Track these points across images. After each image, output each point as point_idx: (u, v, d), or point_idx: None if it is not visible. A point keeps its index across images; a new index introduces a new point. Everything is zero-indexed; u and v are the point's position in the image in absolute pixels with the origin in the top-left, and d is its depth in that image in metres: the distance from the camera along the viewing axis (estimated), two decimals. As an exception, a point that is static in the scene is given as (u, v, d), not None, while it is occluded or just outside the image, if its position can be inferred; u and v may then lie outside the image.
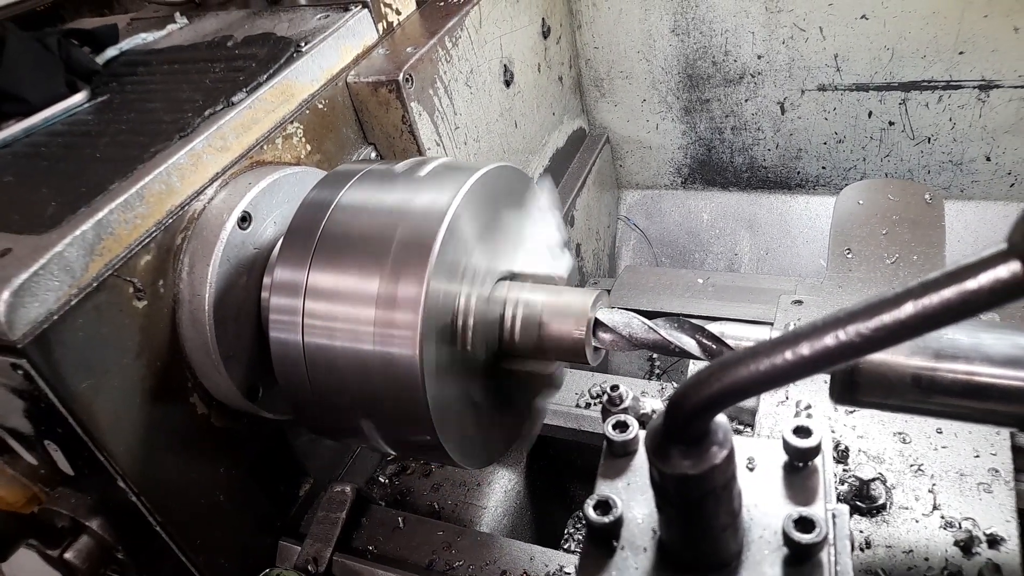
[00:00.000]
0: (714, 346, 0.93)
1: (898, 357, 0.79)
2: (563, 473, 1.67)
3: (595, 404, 1.51)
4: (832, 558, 0.70)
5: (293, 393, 1.03)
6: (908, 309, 0.50)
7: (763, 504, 0.71)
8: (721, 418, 0.60)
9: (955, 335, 0.79)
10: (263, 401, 1.20)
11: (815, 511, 0.65)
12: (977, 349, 0.77)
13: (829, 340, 0.51)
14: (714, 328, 0.94)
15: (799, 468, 0.73)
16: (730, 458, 0.59)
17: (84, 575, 1.15)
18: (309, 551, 1.29)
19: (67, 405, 0.97)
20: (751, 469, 0.74)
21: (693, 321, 0.95)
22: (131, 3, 2.17)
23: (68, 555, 1.14)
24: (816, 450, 0.72)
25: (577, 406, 1.51)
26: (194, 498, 1.18)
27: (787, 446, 0.72)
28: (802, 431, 0.72)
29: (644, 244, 2.48)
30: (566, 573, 1.22)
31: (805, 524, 0.64)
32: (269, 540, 1.35)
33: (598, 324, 0.99)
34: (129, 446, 1.06)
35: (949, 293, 0.49)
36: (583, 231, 2.23)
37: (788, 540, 0.65)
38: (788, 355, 0.53)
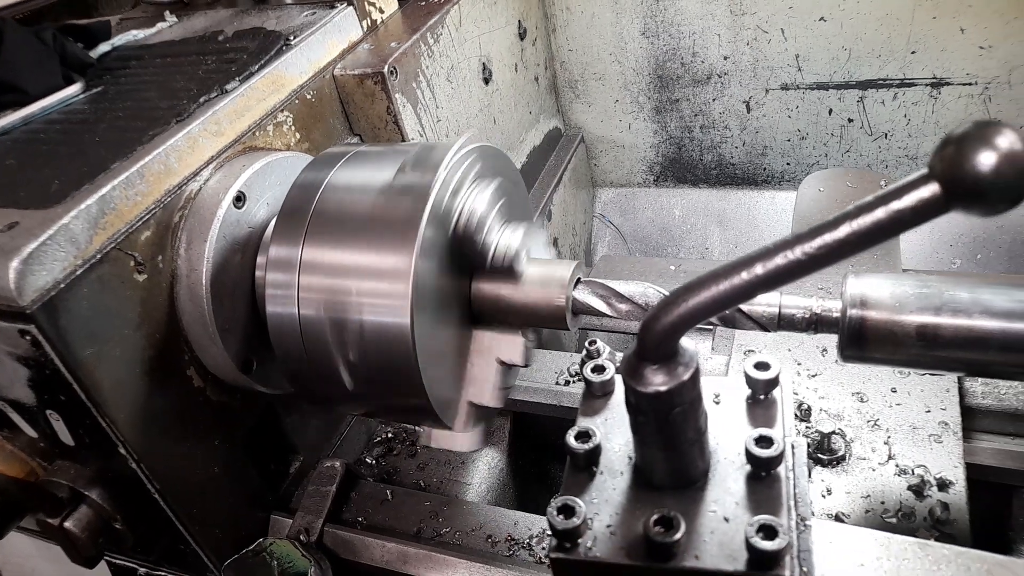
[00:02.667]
0: (727, 311, 0.90)
1: (903, 313, 0.82)
2: (544, 451, 1.73)
3: (574, 381, 1.57)
4: (792, 482, 0.78)
5: (289, 364, 1.09)
6: (845, 229, 0.57)
7: (728, 431, 0.78)
8: (687, 341, 0.67)
9: (956, 291, 0.82)
10: (257, 375, 1.25)
11: (774, 432, 0.73)
12: (977, 303, 0.81)
13: (779, 259, 0.59)
14: None
15: (760, 400, 0.80)
16: (696, 376, 0.66)
17: (83, 543, 1.18)
18: (300, 522, 1.34)
19: (72, 371, 1.02)
20: (717, 403, 0.82)
21: None
22: (110, 10, 2.22)
23: (68, 524, 1.17)
24: (775, 382, 0.79)
25: (557, 384, 1.58)
26: (190, 468, 1.22)
27: (749, 379, 0.80)
28: (762, 365, 0.80)
29: (619, 240, 2.57)
30: (548, 536, 1.28)
31: (764, 441, 0.72)
32: (261, 514, 1.39)
33: (618, 295, 1.03)
34: (129, 415, 1.10)
35: (880, 213, 0.57)
36: (560, 227, 2.31)
37: (750, 456, 0.72)
38: (744, 275, 0.60)
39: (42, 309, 0.97)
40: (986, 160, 0.52)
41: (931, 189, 0.55)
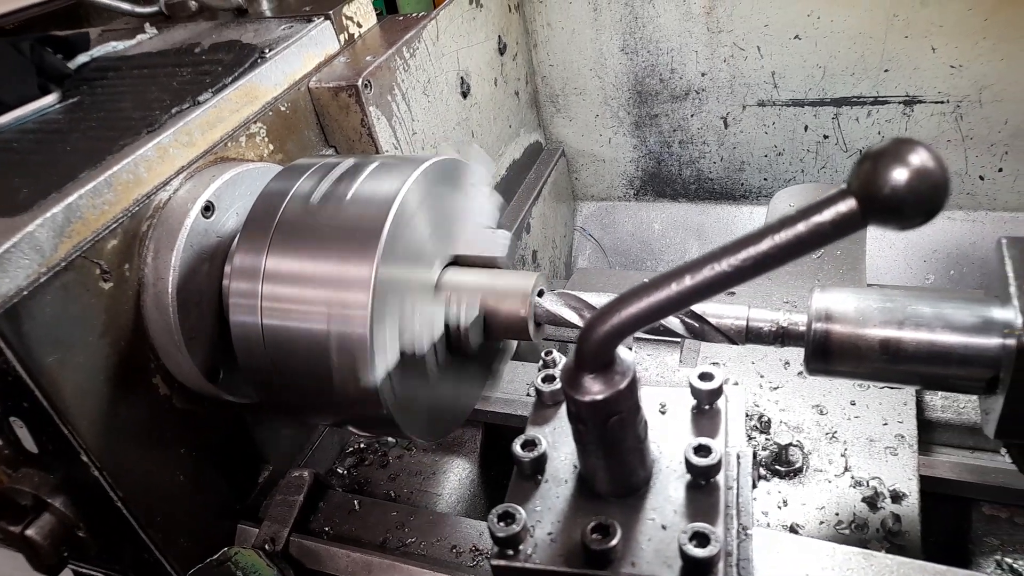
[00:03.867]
0: (696, 324, 0.93)
1: (866, 327, 0.83)
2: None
3: (545, 393, 1.58)
4: (734, 492, 0.79)
5: (254, 373, 1.09)
6: (768, 243, 0.59)
7: (672, 440, 0.79)
8: (623, 351, 0.68)
9: (918, 305, 0.84)
10: (223, 383, 1.25)
11: (714, 441, 0.74)
12: (939, 317, 0.82)
13: (707, 271, 0.60)
14: (695, 307, 0.94)
15: (705, 410, 0.82)
16: (633, 384, 0.68)
17: (45, 551, 1.18)
18: (266, 532, 1.34)
19: (34, 377, 1.02)
20: (663, 413, 0.83)
21: None
22: (101, 22, 2.24)
23: (29, 532, 1.17)
24: (719, 392, 0.80)
25: (528, 395, 1.59)
26: (154, 477, 1.23)
27: (693, 390, 0.81)
28: (706, 376, 0.81)
29: (599, 253, 2.59)
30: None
31: (703, 450, 0.73)
32: (228, 523, 1.39)
33: (589, 307, 1.03)
34: (92, 421, 1.11)
35: (802, 227, 0.58)
36: (539, 239, 2.33)
37: (689, 465, 0.73)
38: (674, 286, 0.61)
39: (4, 315, 0.98)
40: (899, 176, 0.54)
41: (849, 204, 0.56)
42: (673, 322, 0.96)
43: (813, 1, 1.99)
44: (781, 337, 0.87)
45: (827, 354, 0.85)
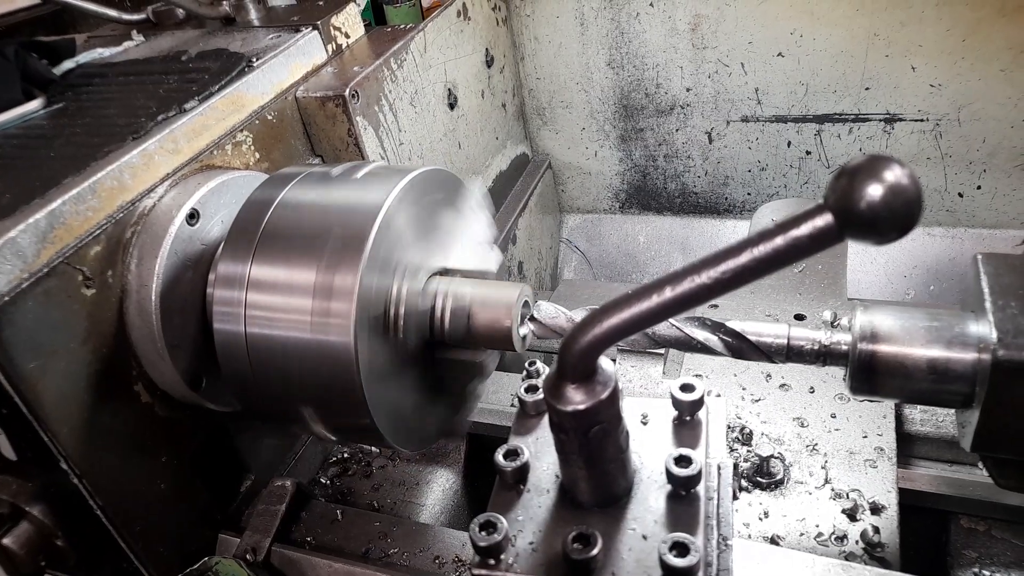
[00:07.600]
0: (734, 341, 0.92)
1: (913, 347, 0.81)
2: (499, 473, 1.73)
3: (529, 404, 1.59)
4: (714, 502, 0.79)
5: (237, 382, 1.09)
6: (747, 255, 0.60)
7: (653, 451, 0.80)
8: (605, 361, 0.69)
9: (966, 326, 0.81)
10: (206, 392, 1.25)
11: (695, 452, 0.75)
12: (986, 337, 0.78)
13: (687, 283, 0.61)
14: (734, 325, 0.94)
15: (687, 421, 0.82)
16: (614, 394, 0.68)
17: (22, 560, 1.17)
18: (248, 542, 1.33)
19: (14, 383, 1.02)
20: (645, 423, 0.83)
21: (713, 319, 0.95)
22: (87, 28, 2.23)
23: (6, 540, 1.15)
24: (700, 403, 0.81)
25: (513, 406, 1.59)
26: (135, 485, 1.22)
27: (675, 401, 0.82)
28: (687, 387, 0.82)
29: (585, 265, 2.60)
30: (496, 557, 1.28)
31: (683, 461, 0.74)
32: (209, 532, 1.38)
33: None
34: (73, 428, 1.10)
35: (780, 241, 0.59)
36: (525, 250, 2.34)
37: (669, 475, 0.74)
38: (656, 297, 0.62)
39: (-16, 321, 0.97)
40: (874, 192, 0.55)
41: (825, 219, 0.58)
42: (712, 339, 0.94)
43: (796, 20, 2.02)
44: (823, 356, 0.86)
45: (872, 374, 0.83)
